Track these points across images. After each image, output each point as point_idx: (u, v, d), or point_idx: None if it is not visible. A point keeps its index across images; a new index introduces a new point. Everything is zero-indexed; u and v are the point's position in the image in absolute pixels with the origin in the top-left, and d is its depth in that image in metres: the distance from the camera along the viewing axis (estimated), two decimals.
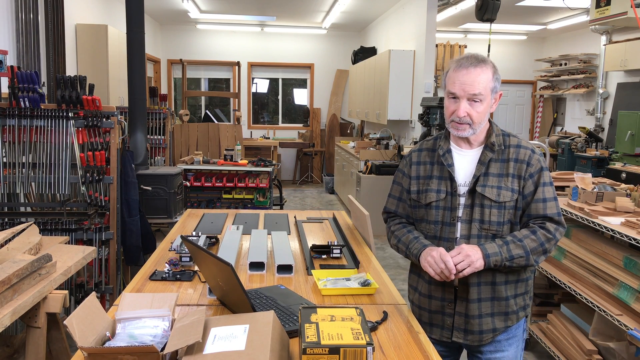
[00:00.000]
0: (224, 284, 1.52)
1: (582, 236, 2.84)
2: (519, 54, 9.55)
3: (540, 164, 1.66)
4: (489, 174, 1.65)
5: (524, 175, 1.64)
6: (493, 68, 1.65)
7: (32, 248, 2.31)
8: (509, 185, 1.64)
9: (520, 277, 1.70)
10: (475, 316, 1.67)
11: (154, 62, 9.17)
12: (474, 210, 1.64)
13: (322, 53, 9.99)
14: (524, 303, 1.73)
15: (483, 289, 1.66)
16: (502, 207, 1.63)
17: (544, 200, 1.63)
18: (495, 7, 5.23)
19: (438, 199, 1.70)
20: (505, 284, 1.67)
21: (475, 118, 1.62)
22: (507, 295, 1.68)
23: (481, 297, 1.66)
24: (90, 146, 3.25)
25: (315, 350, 1.17)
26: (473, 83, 1.59)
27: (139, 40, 3.95)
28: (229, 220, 2.88)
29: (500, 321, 1.69)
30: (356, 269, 2.06)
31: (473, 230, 1.64)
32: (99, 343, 1.30)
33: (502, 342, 1.73)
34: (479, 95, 1.60)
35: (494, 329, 1.69)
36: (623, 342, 2.62)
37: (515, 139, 1.70)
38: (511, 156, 1.66)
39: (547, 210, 1.63)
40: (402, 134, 7.19)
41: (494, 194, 1.62)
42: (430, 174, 1.74)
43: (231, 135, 7.15)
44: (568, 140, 6.16)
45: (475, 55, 1.64)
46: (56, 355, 2.24)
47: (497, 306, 1.68)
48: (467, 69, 1.60)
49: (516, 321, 1.72)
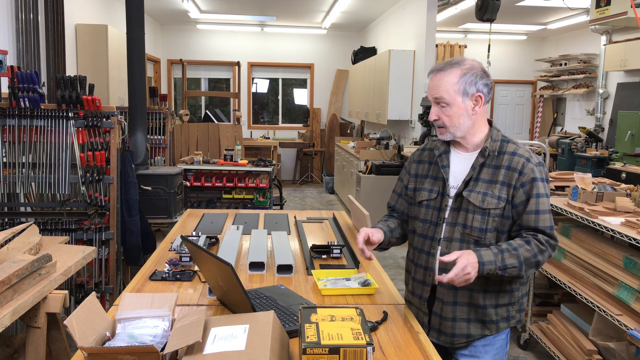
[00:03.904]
0: (224, 284, 1.52)
1: (582, 236, 2.84)
2: (519, 54, 9.55)
3: (533, 174, 1.58)
4: (479, 179, 1.63)
5: (514, 184, 1.58)
6: (463, 70, 1.59)
7: (32, 248, 2.31)
8: (495, 192, 1.59)
9: (502, 288, 1.64)
10: (448, 319, 1.67)
11: (154, 62, 9.17)
12: (459, 214, 1.64)
13: (322, 53, 10.00)
14: (508, 314, 1.67)
15: (460, 293, 1.65)
16: (485, 213, 1.60)
17: (537, 213, 1.57)
18: (495, 7, 5.23)
19: (429, 198, 1.72)
20: (483, 292, 1.64)
21: (446, 122, 1.63)
22: (485, 303, 1.64)
23: (457, 301, 1.66)
24: (90, 146, 3.25)
25: (315, 350, 1.17)
26: (435, 87, 1.62)
27: (139, 40, 3.95)
28: (229, 220, 2.88)
29: (477, 328, 1.67)
30: (356, 269, 2.06)
31: (456, 233, 1.64)
32: (99, 343, 1.30)
33: (479, 348, 1.69)
34: (441, 99, 1.61)
35: (469, 334, 1.67)
36: (623, 342, 2.62)
37: (514, 146, 1.64)
38: (504, 163, 1.61)
39: (539, 223, 1.57)
40: (402, 134, 7.19)
41: (479, 199, 1.61)
42: (427, 173, 1.76)
43: (231, 135, 7.15)
44: (568, 140, 6.15)
45: (449, 60, 1.64)
46: (56, 355, 2.24)
47: (474, 313, 1.66)
48: (434, 74, 1.64)
49: (495, 331, 1.67)
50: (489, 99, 1.65)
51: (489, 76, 1.65)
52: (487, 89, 1.63)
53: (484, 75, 1.62)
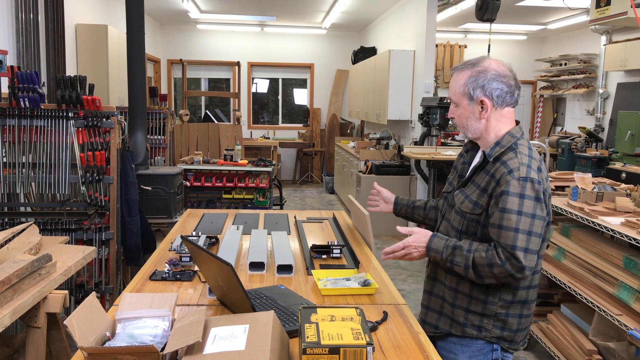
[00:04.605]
0: (224, 284, 1.52)
1: (582, 236, 2.84)
2: (519, 54, 9.55)
3: (507, 186, 1.48)
4: (473, 182, 1.64)
5: (491, 193, 1.54)
6: (473, 72, 1.58)
7: (32, 248, 2.31)
8: (474, 197, 1.59)
9: (473, 295, 1.61)
10: (424, 305, 1.79)
11: (154, 62, 9.17)
12: (451, 212, 1.71)
13: (322, 53, 9.99)
14: (480, 324, 1.62)
15: (437, 285, 1.74)
16: (463, 216, 1.62)
17: (499, 227, 1.49)
18: (495, 7, 5.23)
19: (447, 190, 1.79)
20: (454, 292, 1.65)
21: (457, 121, 1.67)
22: (454, 302, 1.66)
23: (433, 292, 1.75)
24: (90, 146, 3.25)
25: (315, 350, 1.17)
26: (449, 87, 1.68)
27: (139, 40, 3.95)
28: (229, 220, 2.88)
29: (445, 324, 1.70)
30: (356, 269, 2.06)
31: (444, 229, 1.72)
32: (99, 343, 1.30)
33: (456, 345, 1.68)
34: (451, 99, 1.67)
35: (436, 326, 1.73)
36: (623, 342, 2.62)
37: (511, 155, 1.55)
38: (492, 171, 1.56)
39: (501, 239, 1.48)
40: (402, 134, 7.19)
41: (460, 201, 1.64)
42: (457, 167, 1.80)
43: (231, 135, 7.15)
44: (568, 140, 6.15)
45: (470, 59, 1.64)
46: (56, 355, 2.24)
47: (445, 308, 1.70)
48: (452, 73, 1.68)
49: (461, 333, 1.65)
50: (504, 103, 1.58)
51: (510, 79, 1.58)
52: (501, 93, 1.57)
53: (497, 78, 1.56)
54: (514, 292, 1.61)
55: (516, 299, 1.61)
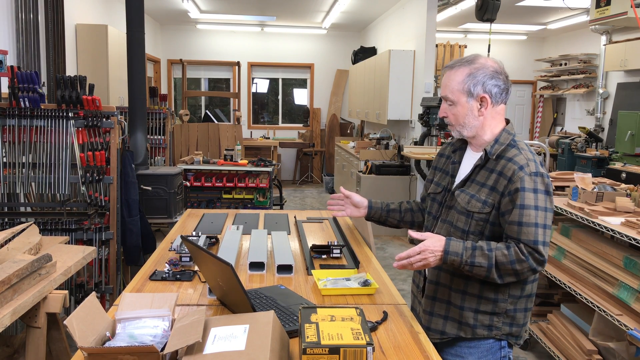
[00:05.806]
0: (224, 284, 1.52)
1: (582, 236, 2.84)
2: (519, 54, 9.55)
3: (521, 183, 1.50)
4: (474, 180, 1.62)
5: (502, 191, 1.54)
6: (471, 69, 1.57)
7: (32, 248, 2.31)
8: (482, 196, 1.57)
9: (483, 295, 1.60)
10: (427, 312, 1.71)
11: (154, 62, 9.17)
12: (450, 212, 1.67)
13: (322, 53, 10.00)
14: (490, 323, 1.62)
15: (440, 289, 1.67)
16: (470, 216, 1.59)
17: (519, 224, 1.49)
18: (495, 7, 5.23)
19: (435, 191, 1.76)
20: (462, 294, 1.62)
21: (452, 120, 1.64)
22: (462, 305, 1.63)
23: (436, 297, 1.69)
24: (90, 146, 3.25)
25: (315, 350, 1.17)
26: (443, 85, 1.64)
27: (139, 40, 3.95)
28: (229, 220, 2.88)
29: (453, 328, 1.66)
30: (356, 269, 2.06)
31: (444, 230, 1.68)
32: (99, 343, 1.30)
33: (464, 348, 1.66)
34: (446, 97, 1.63)
35: (443, 331, 1.67)
36: (623, 342, 2.62)
37: (515, 152, 1.57)
38: (498, 168, 1.57)
39: (522, 235, 1.49)
40: (402, 134, 7.19)
41: (465, 201, 1.61)
42: (442, 167, 1.79)
43: (231, 135, 7.15)
44: (568, 140, 6.15)
45: (463, 57, 1.63)
46: (56, 355, 2.24)
47: (452, 312, 1.65)
48: (445, 71, 1.65)
49: (471, 335, 1.63)
50: (500, 100, 1.60)
51: (504, 76, 1.60)
52: (498, 90, 1.58)
53: (495, 76, 1.58)
54: (522, 287, 1.62)
55: (524, 294, 1.63)
